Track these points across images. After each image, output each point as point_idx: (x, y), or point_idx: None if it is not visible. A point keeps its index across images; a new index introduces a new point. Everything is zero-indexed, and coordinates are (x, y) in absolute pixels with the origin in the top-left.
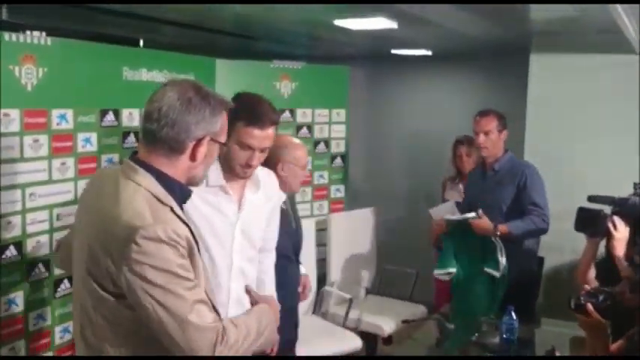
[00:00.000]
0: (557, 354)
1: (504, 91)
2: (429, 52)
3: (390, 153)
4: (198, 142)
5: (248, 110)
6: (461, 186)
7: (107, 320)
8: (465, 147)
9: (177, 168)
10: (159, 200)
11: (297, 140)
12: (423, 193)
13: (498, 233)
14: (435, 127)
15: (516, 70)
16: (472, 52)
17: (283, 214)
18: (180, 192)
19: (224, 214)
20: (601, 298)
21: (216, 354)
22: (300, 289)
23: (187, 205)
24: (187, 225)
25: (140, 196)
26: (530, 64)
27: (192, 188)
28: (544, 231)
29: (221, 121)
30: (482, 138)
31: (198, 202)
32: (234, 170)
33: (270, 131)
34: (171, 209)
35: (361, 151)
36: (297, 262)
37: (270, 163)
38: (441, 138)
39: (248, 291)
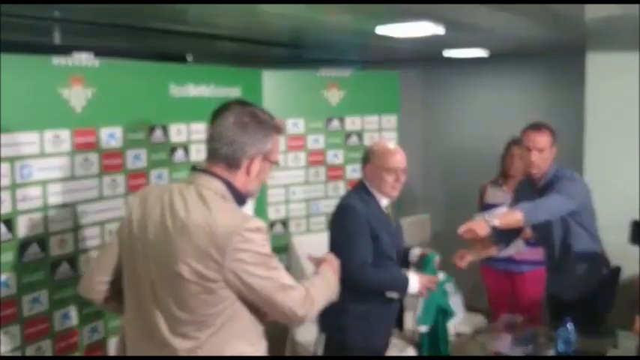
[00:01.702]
0: None
1: (561, 93)
2: (483, 53)
3: (442, 158)
4: (252, 159)
5: None
6: (505, 187)
7: (206, 309)
8: (520, 149)
9: (236, 181)
10: (228, 200)
11: (390, 145)
12: (475, 198)
13: (495, 226)
14: (489, 131)
15: (574, 70)
16: (527, 51)
17: (386, 217)
18: (239, 198)
19: None
20: None
21: (305, 308)
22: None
23: None
24: None
25: (222, 200)
26: (586, 63)
27: None
28: (568, 198)
29: (271, 142)
30: (535, 155)
31: None
32: None
33: None
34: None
35: (413, 157)
36: (397, 263)
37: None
38: (494, 142)
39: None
